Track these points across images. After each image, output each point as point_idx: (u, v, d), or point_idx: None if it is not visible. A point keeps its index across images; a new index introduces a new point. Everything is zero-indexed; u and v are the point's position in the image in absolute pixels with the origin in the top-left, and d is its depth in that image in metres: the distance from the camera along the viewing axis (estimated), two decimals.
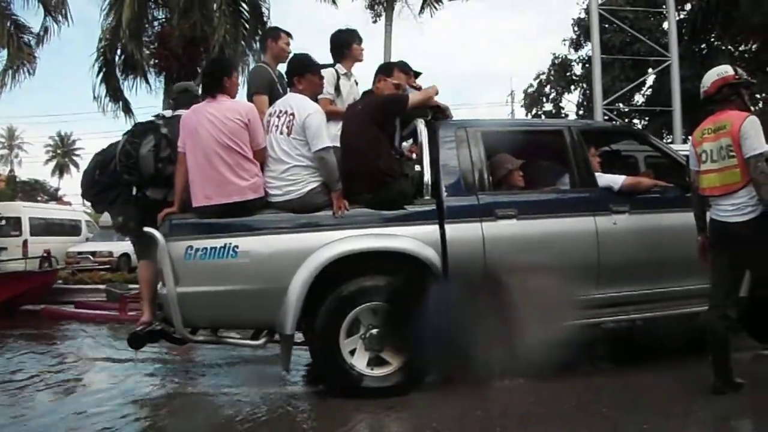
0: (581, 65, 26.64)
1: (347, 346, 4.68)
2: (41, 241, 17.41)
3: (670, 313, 5.29)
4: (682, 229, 5.02)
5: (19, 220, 18.15)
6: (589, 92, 23.19)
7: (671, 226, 5.22)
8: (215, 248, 4.53)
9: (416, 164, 5.14)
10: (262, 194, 4.72)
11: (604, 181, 5.36)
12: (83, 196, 5.59)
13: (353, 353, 4.70)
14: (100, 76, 17.46)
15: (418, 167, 5.08)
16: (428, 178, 5.00)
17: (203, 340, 5.04)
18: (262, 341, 4.90)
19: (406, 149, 5.78)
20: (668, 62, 15.65)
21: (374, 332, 4.71)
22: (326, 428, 4.24)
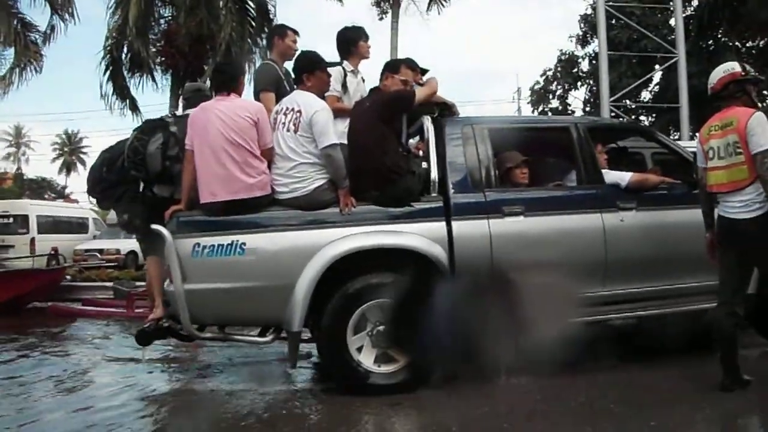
0: (588, 62, 26.58)
1: (354, 343, 4.68)
2: (49, 238, 17.48)
3: (677, 310, 5.28)
4: (689, 226, 5.00)
5: (26, 217, 18.20)
6: (595, 89, 23.03)
7: (678, 223, 5.21)
8: (222, 245, 4.54)
9: (423, 161, 5.14)
10: (269, 191, 4.72)
11: (611, 178, 5.35)
12: (89, 192, 5.59)
13: (360, 350, 4.71)
14: (107, 74, 17.54)
15: (425, 164, 5.08)
16: (435, 175, 5.00)
17: (210, 337, 5.07)
18: (269, 338, 4.92)
19: (412, 146, 5.77)
20: (675, 59, 15.54)
21: (381, 329, 4.70)
22: (333, 425, 4.24)
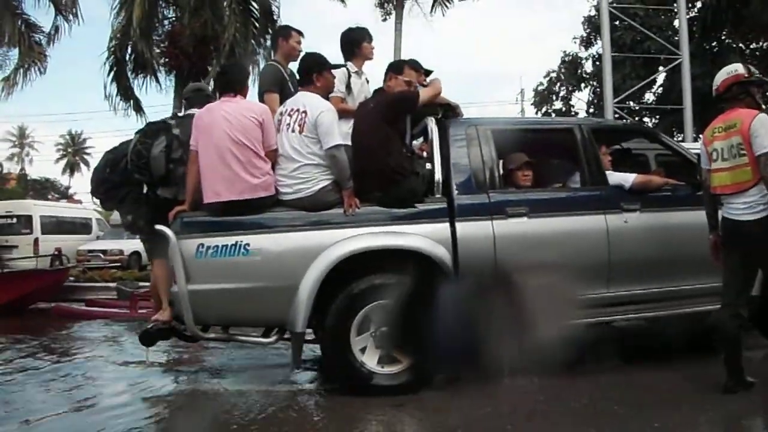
0: (591, 63, 26.52)
1: (358, 343, 4.68)
2: (52, 239, 17.51)
3: (681, 311, 5.27)
4: (693, 227, 4.99)
5: (30, 218, 18.22)
6: (599, 90, 23.01)
7: (682, 224, 5.20)
8: (226, 246, 4.54)
9: (427, 162, 5.14)
10: (272, 192, 4.73)
11: (614, 179, 5.35)
12: (93, 193, 5.60)
13: (364, 351, 4.70)
14: (110, 75, 17.59)
15: (428, 165, 5.08)
16: (439, 176, 5.00)
17: (214, 337, 5.08)
18: (272, 339, 4.94)
19: (416, 147, 5.77)
20: (679, 60, 15.53)
21: (384, 330, 4.69)
22: (336, 426, 4.25)
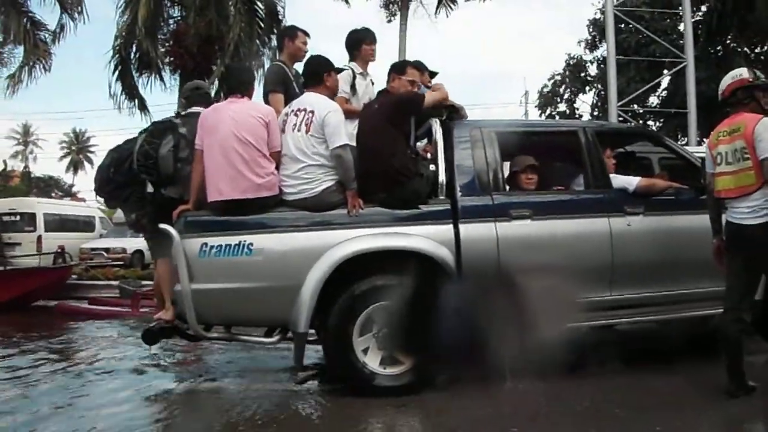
0: (596, 66, 26.52)
1: (360, 344, 4.68)
2: (55, 237, 17.54)
3: (683, 315, 5.26)
4: (696, 231, 4.99)
5: (33, 215, 18.25)
6: (603, 93, 23.04)
7: (686, 228, 5.20)
8: (230, 245, 4.55)
9: (431, 164, 5.14)
10: (276, 192, 4.73)
11: (618, 182, 5.34)
12: (97, 192, 5.62)
13: (366, 352, 4.70)
14: (115, 73, 17.56)
15: (432, 167, 5.08)
16: (443, 177, 5.00)
17: (216, 337, 5.08)
18: (275, 339, 4.96)
19: (420, 149, 5.77)
20: (684, 64, 15.53)
21: (385, 331, 4.69)
22: (337, 427, 4.25)
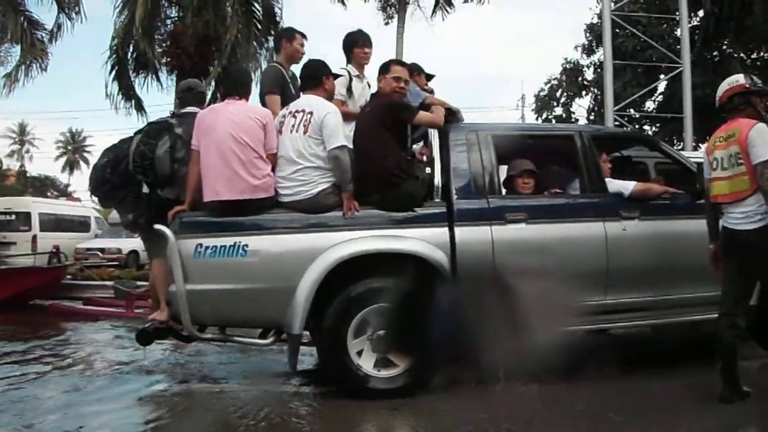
0: (593, 70, 26.56)
1: (355, 346, 4.67)
2: (50, 236, 17.45)
3: (678, 320, 5.28)
4: (691, 236, 5.01)
5: (28, 215, 18.19)
6: (600, 97, 23.04)
7: (681, 232, 5.20)
8: (225, 246, 4.55)
9: (427, 167, 5.14)
10: (272, 194, 4.73)
11: (614, 186, 5.35)
12: (92, 192, 5.56)
13: (360, 354, 4.69)
14: (112, 73, 17.58)
15: (428, 170, 5.08)
16: (439, 180, 5.01)
17: (211, 338, 5.07)
18: (269, 340, 4.94)
19: (417, 151, 5.78)
20: (680, 69, 15.56)
21: (382, 333, 4.69)
22: (331, 429, 4.25)
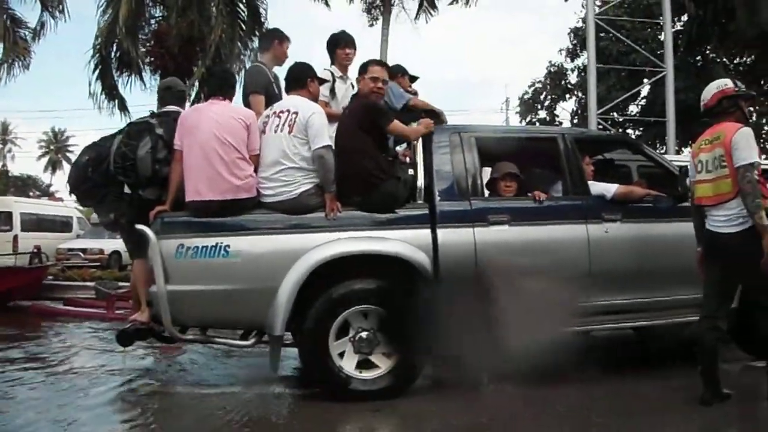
0: (577, 74, 26.72)
1: (336, 348, 4.66)
2: (32, 236, 17.25)
3: (661, 322, 5.29)
4: (673, 238, 5.06)
5: (10, 215, 17.97)
6: (584, 101, 23.22)
7: (663, 235, 5.24)
8: (206, 247, 4.52)
9: (410, 168, 5.13)
10: (254, 194, 4.71)
11: (596, 189, 5.37)
12: (71, 190, 5.48)
13: (342, 355, 4.68)
14: (95, 73, 17.44)
15: (411, 171, 5.07)
16: (421, 182, 5.00)
17: (192, 339, 5.02)
18: (251, 342, 4.89)
19: (399, 153, 5.77)
20: (663, 73, 15.66)
21: (363, 335, 4.68)
22: (311, 430, 4.23)
